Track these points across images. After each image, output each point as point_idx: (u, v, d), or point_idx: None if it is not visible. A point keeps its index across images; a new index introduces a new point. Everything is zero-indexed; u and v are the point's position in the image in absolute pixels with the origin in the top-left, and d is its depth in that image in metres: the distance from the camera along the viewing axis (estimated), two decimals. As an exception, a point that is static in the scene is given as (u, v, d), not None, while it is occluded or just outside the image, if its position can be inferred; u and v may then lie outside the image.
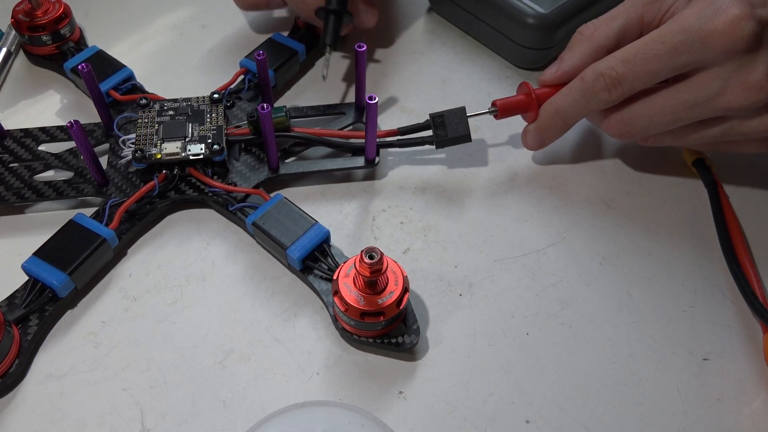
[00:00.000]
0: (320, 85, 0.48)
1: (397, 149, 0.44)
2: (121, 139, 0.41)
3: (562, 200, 0.42)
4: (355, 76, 0.43)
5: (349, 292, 0.33)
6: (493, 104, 0.41)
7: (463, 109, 0.42)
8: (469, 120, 0.41)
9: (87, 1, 0.53)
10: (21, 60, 0.49)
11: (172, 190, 0.40)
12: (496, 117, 0.42)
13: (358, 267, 0.32)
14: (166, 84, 0.47)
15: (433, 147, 0.42)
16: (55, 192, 0.40)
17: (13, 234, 0.40)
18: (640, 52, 0.36)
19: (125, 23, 0.52)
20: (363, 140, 0.41)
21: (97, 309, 0.37)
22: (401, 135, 0.42)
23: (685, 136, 0.38)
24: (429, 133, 0.42)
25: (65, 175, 0.41)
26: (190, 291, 0.38)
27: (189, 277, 0.38)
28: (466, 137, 0.41)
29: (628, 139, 0.40)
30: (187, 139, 0.40)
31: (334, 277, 0.34)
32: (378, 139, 0.41)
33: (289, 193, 0.42)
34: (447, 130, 0.41)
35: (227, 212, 0.40)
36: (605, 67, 0.37)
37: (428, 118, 0.42)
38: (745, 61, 0.34)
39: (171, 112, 0.42)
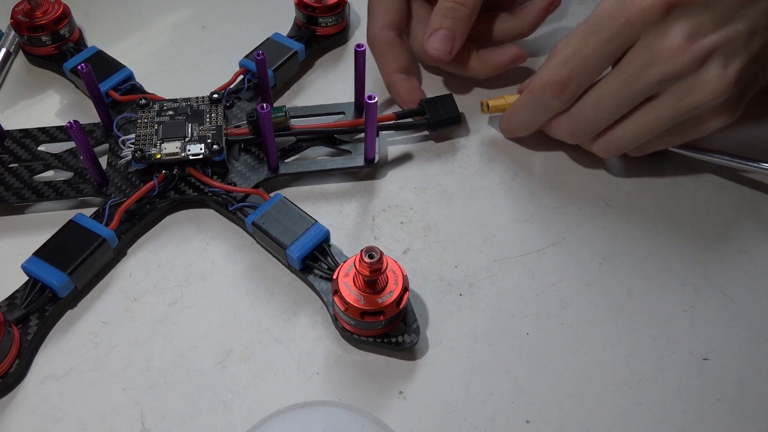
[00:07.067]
0: (319, 84, 0.48)
1: (398, 145, 0.44)
2: (120, 139, 0.41)
3: (562, 200, 0.42)
4: (355, 76, 0.43)
5: (349, 291, 0.33)
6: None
7: (450, 95, 0.44)
8: (472, 121, 0.41)
9: (87, 1, 0.53)
10: (20, 60, 0.49)
11: (172, 190, 0.40)
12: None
13: (357, 266, 0.32)
14: (166, 84, 0.47)
15: (434, 147, 0.42)
16: (55, 192, 0.40)
17: (13, 234, 0.40)
18: (577, 49, 0.37)
19: (125, 23, 0.52)
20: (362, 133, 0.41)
21: (97, 309, 0.37)
22: (397, 119, 0.43)
23: (639, 126, 0.38)
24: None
25: (65, 175, 0.41)
26: (190, 291, 0.38)
27: (189, 277, 0.38)
28: (456, 118, 0.44)
29: (579, 140, 0.41)
30: (187, 139, 0.40)
31: (334, 277, 0.34)
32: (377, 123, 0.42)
33: (289, 192, 0.42)
34: (438, 112, 0.44)
35: (227, 212, 0.40)
36: (548, 74, 0.38)
37: (420, 104, 0.43)
38: (661, 29, 0.35)
39: (170, 112, 0.42)
